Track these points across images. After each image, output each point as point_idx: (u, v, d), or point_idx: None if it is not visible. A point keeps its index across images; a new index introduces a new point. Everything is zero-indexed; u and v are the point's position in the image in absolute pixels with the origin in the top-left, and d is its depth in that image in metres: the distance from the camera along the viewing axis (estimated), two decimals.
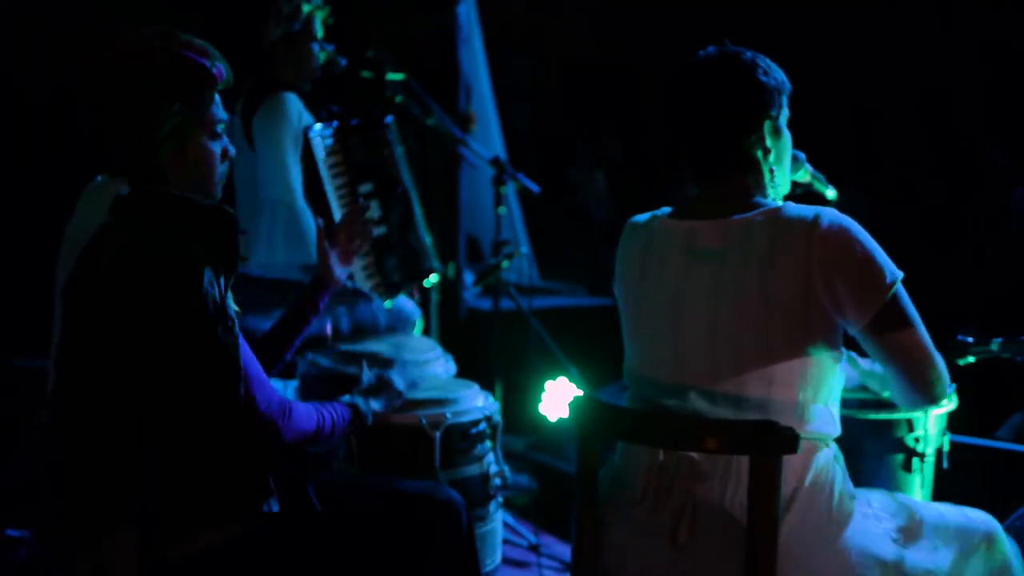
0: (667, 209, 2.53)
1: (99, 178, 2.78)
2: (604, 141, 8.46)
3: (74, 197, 2.79)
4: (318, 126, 3.74)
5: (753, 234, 2.35)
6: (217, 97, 2.46)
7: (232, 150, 2.52)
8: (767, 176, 2.48)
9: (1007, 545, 2.55)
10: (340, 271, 3.09)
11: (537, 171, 6.59)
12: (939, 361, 2.42)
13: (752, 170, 2.45)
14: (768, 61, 2.46)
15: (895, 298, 2.34)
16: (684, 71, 2.47)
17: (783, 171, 2.53)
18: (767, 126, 2.44)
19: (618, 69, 9.36)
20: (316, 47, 4.11)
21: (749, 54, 2.45)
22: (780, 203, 2.41)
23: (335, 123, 3.79)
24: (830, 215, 2.33)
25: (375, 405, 2.86)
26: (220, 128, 2.47)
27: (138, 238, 2.31)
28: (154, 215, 2.34)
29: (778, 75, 2.46)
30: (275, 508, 2.43)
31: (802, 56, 2.54)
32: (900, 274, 2.35)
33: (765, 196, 2.47)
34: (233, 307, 2.38)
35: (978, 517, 2.55)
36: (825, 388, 2.38)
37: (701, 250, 2.40)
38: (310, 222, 3.92)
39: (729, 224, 2.39)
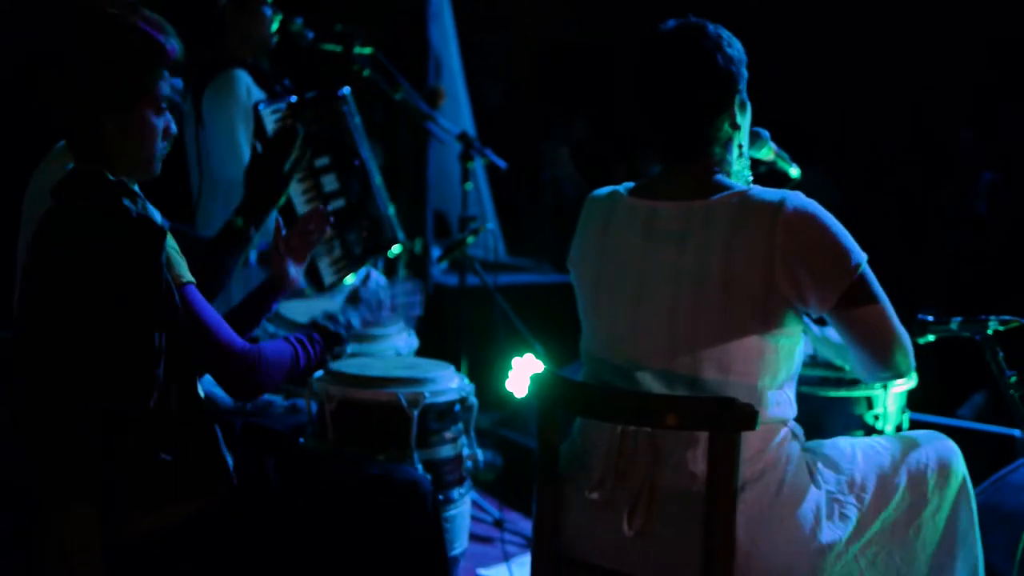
0: (629, 184, 2.50)
1: (61, 143, 2.76)
2: (573, 119, 8.46)
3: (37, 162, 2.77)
4: (269, 101, 3.71)
5: (716, 217, 2.33)
6: (167, 74, 2.45)
7: (174, 128, 2.51)
8: (735, 152, 2.47)
9: (960, 463, 2.56)
10: (295, 270, 3.03)
11: (508, 148, 6.59)
12: (904, 337, 2.42)
13: (720, 146, 2.43)
14: (727, 32, 2.42)
15: (861, 279, 2.33)
16: (649, 48, 2.42)
17: (746, 141, 2.53)
18: (736, 101, 2.42)
19: (591, 47, 9.35)
20: (268, 11, 4.03)
21: (711, 27, 2.41)
22: (746, 186, 2.39)
23: (291, 98, 3.76)
24: (795, 200, 2.31)
25: (352, 319, 2.80)
26: (164, 105, 2.47)
27: (82, 224, 2.30)
28: (90, 203, 2.33)
29: (739, 46, 2.42)
30: (234, 482, 2.43)
31: (772, 36, 2.52)
32: (864, 256, 2.34)
33: (730, 174, 2.46)
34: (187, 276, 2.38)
35: (929, 445, 2.55)
36: (783, 373, 2.38)
37: (662, 232, 2.38)
38: None
39: (691, 206, 2.37)
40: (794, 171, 2.95)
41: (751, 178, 2.55)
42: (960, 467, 2.56)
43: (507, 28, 9.12)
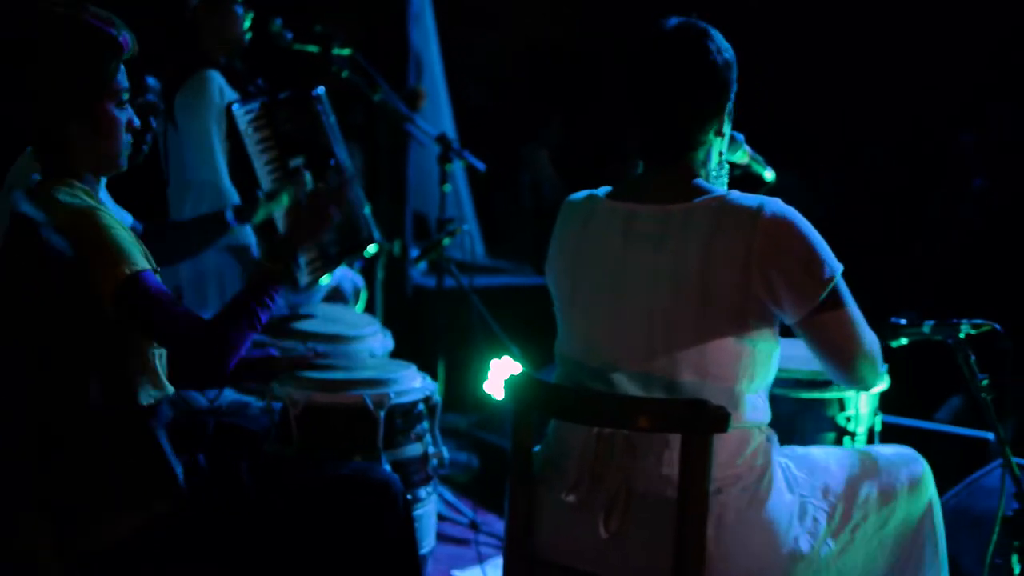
0: (606, 188, 2.50)
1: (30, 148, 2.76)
2: (555, 120, 8.46)
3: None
4: (242, 101, 3.70)
5: (695, 221, 2.33)
6: (122, 67, 2.45)
7: (137, 121, 2.51)
8: (715, 159, 2.47)
9: (930, 480, 2.58)
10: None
11: (490, 149, 6.58)
12: (873, 350, 2.43)
13: (703, 152, 2.43)
14: (720, 36, 2.42)
15: (834, 291, 2.34)
16: (648, 45, 2.41)
17: (726, 149, 2.53)
18: (726, 109, 2.42)
19: (574, 48, 9.35)
20: (239, 10, 4.01)
21: (711, 32, 2.40)
22: (725, 191, 2.39)
23: (264, 98, 3.75)
24: (773, 206, 2.32)
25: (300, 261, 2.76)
26: (125, 97, 2.47)
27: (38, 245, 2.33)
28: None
29: (731, 52, 2.42)
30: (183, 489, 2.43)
31: (764, 38, 2.52)
32: (840, 267, 2.34)
33: (709, 178, 2.46)
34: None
35: (901, 459, 2.57)
36: (759, 378, 2.39)
37: (640, 234, 2.38)
38: (237, 202, 3.85)
39: (669, 210, 2.37)
40: (768, 174, 2.96)
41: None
42: (929, 487, 2.58)
43: (490, 28, 9.12)
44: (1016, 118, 7.08)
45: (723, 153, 2.50)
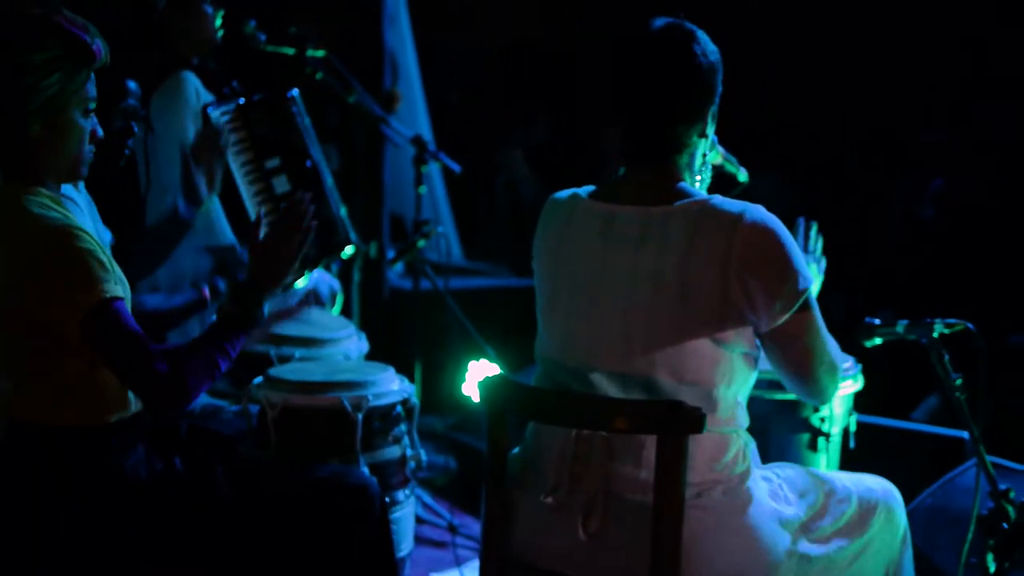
0: (590, 188, 2.49)
1: None
2: (533, 121, 8.46)
3: None
4: (218, 103, 3.69)
5: (675, 224, 2.32)
6: (92, 76, 2.44)
7: (100, 131, 2.49)
8: (699, 161, 2.47)
9: (903, 515, 2.59)
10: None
11: (467, 151, 6.58)
12: (834, 366, 2.43)
13: (685, 154, 2.42)
14: (707, 39, 2.41)
15: (805, 305, 2.34)
16: (635, 47, 2.40)
17: (710, 151, 2.53)
18: (711, 112, 2.42)
19: (552, 49, 9.36)
20: (209, 9, 3.98)
21: (697, 34, 2.39)
22: (707, 195, 2.38)
23: (239, 100, 3.73)
24: (756, 213, 2.31)
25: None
26: (92, 106, 2.45)
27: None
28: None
29: (717, 54, 2.42)
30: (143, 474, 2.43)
31: (734, 38, 2.51)
32: (811, 280, 2.35)
33: (692, 180, 2.45)
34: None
35: (878, 486, 2.58)
36: (736, 383, 2.38)
37: (620, 235, 2.37)
38: (214, 204, 3.84)
39: (650, 212, 2.36)
40: (742, 174, 2.97)
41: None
42: (902, 519, 2.59)
43: (466, 30, 9.12)
44: (984, 118, 7.13)
45: (707, 155, 2.50)
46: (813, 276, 2.63)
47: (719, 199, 2.35)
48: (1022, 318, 5.66)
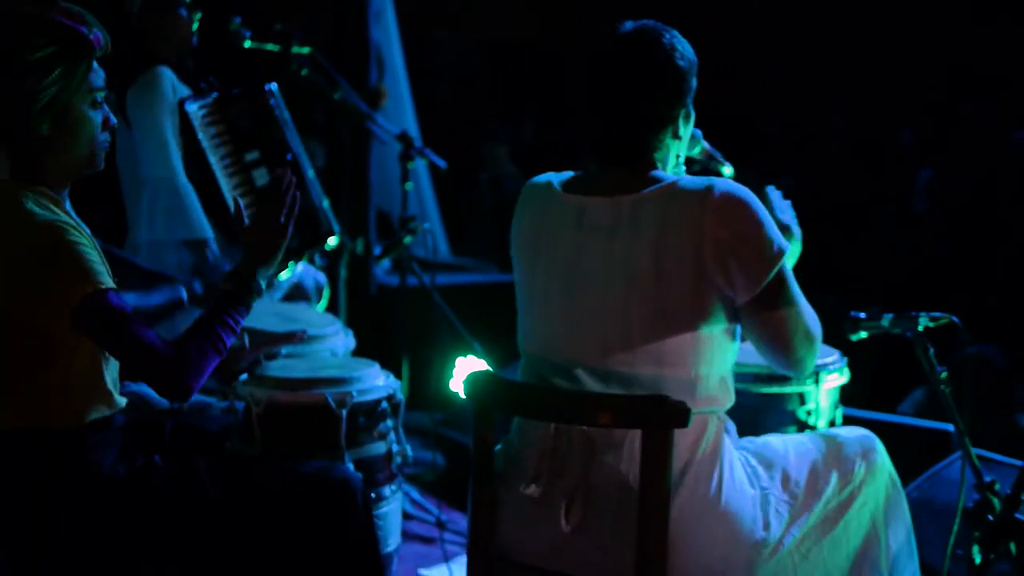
0: (561, 178, 2.49)
1: None
2: (519, 118, 8.47)
3: None
4: (195, 97, 3.68)
5: (646, 210, 2.33)
6: (96, 65, 2.42)
7: (113, 119, 2.48)
8: (672, 161, 2.47)
9: (885, 459, 2.59)
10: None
11: (455, 147, 6.57)
12: (812, 334, 2.41)
13: (659, 155, 2.43)
14: (682, 40, 2.41)
15: (780, 274, 2.34)
16: (604, 50, 2.40)
17: (684, 150, 2.54)
18: (682, 113, 2.42)
19: (539, 46, 9.37)
20: (184, 12, 3.97)
21: (667, 35, 2.39)
22: (675, 176, 2.40)
23: (216, 94, 3.72)
24: (723, 185, 2.31)
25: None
26: (100, 96, 2.43)
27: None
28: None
29: (692, 55, 2.42)
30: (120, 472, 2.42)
31: (716, 38, 2.51)
32: (787, 246, 2.35)
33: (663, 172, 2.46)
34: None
35: (855, 443, 2.58)
36: (718, 362, 2.38)
37: (592, 227, 2.37)
38: (192, 198, 3.83)
39: (620, 201, 2.36)
40: (727, 170, 2.97)
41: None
42: (886, 463, 2.59)
43: (453, 26, 9.12)
44: (962, 115, 7.16)
45: (680, 156, 2.50)
46: (791, 242, 2.64)
47: (687, 179, 2.36)
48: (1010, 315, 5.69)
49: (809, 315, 2.42)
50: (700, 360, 2.34)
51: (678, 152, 2.48)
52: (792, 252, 2.66)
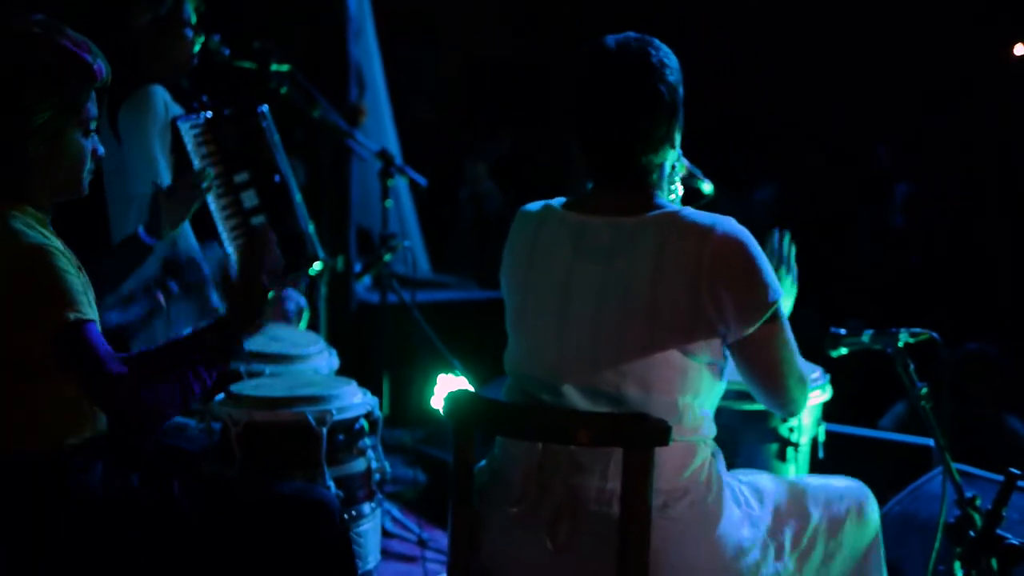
0: (561, 199, 2.47)
1: None
2: (499, 134, 8.48)
3: None
4: (187, 116, 3.67)
5: (645, 236, 2.32)
6: (93, 94, 2.41)
7: (101, 149, 2.48)
8: (667, 171, 2.46)
9: (876, 513, 2.60)
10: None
11: (436, 163, 6.57)
12: (803, 378, 2.44)
13: (656, 173, 2.41)
14: (667, 50, 2.38)
15: (774, 317, 2.34)
16: (592, 70, 2.37)
17: (678, 157, 2.51)
18: (676, 129, 2.40)
19: (519, 62, 9.39)
20: (189, 33, 3.98)
21: (654, 52, 2.35)
22: (678, 207, 2.37)
23: (207, 113, 3.72)
24: (726, 225, 2.31)
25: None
26: (93, 126, 2.43)
27: None
28: None
29: (678, 68, 2.39)
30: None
31: (696, 54, 2.50)
32: (781, 293, 2.35)
33: (664, 192, 2.44)
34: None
35: (848, 489, 2.59)
36: (704, 393, 2.38)
37: (590, 247, 2.36)
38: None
39: (622, 223, 2.35)
40: (707, 187, 2.97)
41: (680, 193, 2.56)
42: (875, 519, 2.60)
43: (433, 43, 9.13)
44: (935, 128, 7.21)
45: (675, 167, 2.49)
46: (786, 288, 2.63)
47: (689, 211, 2.34)
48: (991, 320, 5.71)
49: (801, 359, 2.44)
50: (688, 388, 2.34)
51: (673, 161, 2.46)
52: (788, 295, 2.68)
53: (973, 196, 7.11)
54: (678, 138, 2.44)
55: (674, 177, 2.51)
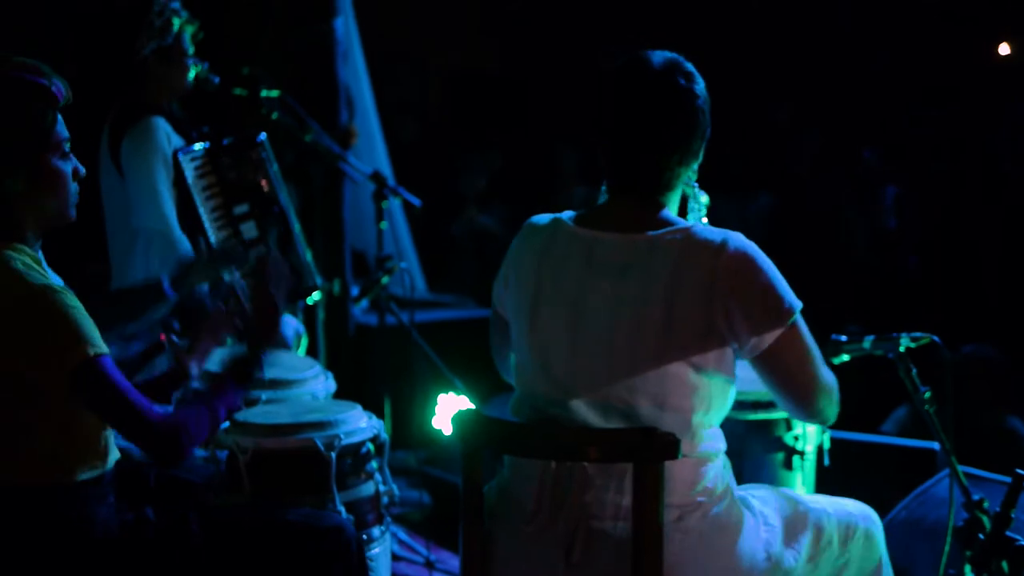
0: (570, 213, 2.47)
1: None
2: (489, 151, 8.48)
3: None
4: (188, 148, 3.68)
5: (658, 253, 2.32)
6: (59, 116, 2.40)
7: (82, 169, 2.47)
8: (680, 192, 2.47)
9: (882, 540, 2.59)
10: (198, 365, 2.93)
11: (427, 182, 6.57)
12: (830, 384, 2.44)
13: (674, 187, 2.42)
14: (695, 70, 2.40)
15: (794, 328, 2.34)
16: (629, 89, 2.38)
17: (693, 178, 2.53)
18: (702, 147, 2.42)
19: (504, 79, 9.40)
20: (189, 62, 4.02)
21: (695, 74, 2.38)
22: (690, 223, 2.38)
23: (206, 144, 3.73)
24: (737, 241, 2.32)
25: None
26: (67, 147, 2.42)
27: None
28: None
29: (704, 85, 2.41)
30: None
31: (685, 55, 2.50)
32: (799, 305, 2.35)
33: (673, 209, 2.45)
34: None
35: (858, 510, 2.59)
36: (715, 409, 2.38)
37: (602, 263, 2.36)
38: (187, 249, 3.82)
39: (635, 240, 2.35)
40: (703, 197, 2.97)
41: (704, 202, 2.57)
42: (881, 545, 2.59)
43: (421, 61, 9.14)
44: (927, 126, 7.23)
45: (691, 177, 2.50)
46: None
47: (700, 228, 2.35)
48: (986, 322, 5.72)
49: (825, 366, 2.43)
50: (699, 405, 2.34)
51: (688, 176, 2.48)
52: None
53: (961, 195, 7.14)
54: (702, 152, 2.45)
55: (690, 181, 2.52)
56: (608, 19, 7.93)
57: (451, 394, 4.53)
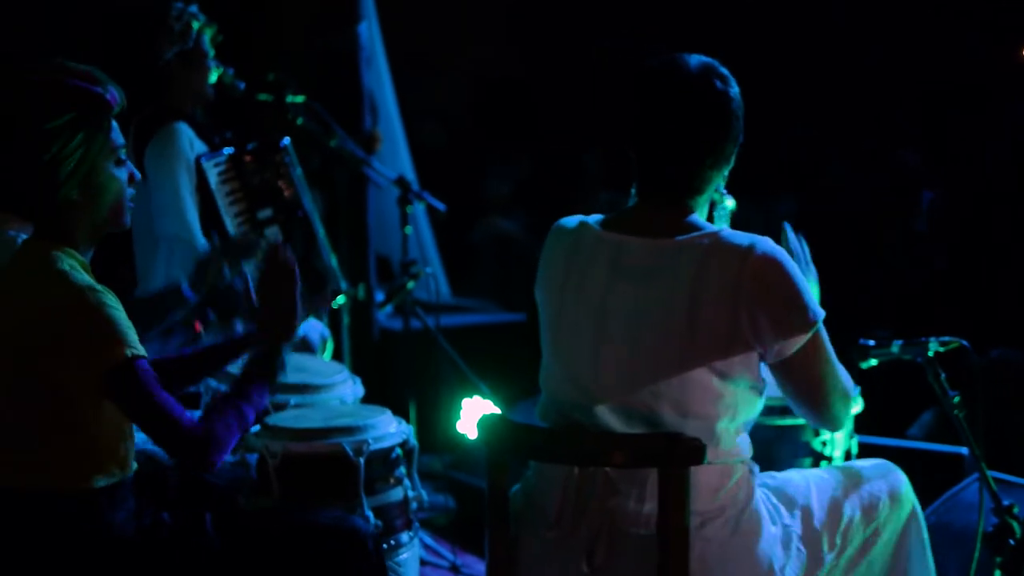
0: (598, 216, 2.46)
1: None
2: (515, 156, 8.48)
3: None
4: (211, 154, 3.69)
5: (685, 257, 2.31)
6: (114, 123, 2.41)
7: (137, 174, 2.48)
8: (709, 196, 2.46)
9: (909, 488, 2.58)
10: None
11: (451, 186, 6.57)
12: (846, 394, 2.43)
13: (704, 192, 2.41)
14: (730, 74, 2.39)
15: (816, 337, 2.33)
16: (662, 86, 2.36)
17: (722, 184, 2.51)
18: (734, 155, 2.41)
19: (529, 84, 9.40)
20: (212, 64, 4.04)
21: (731, 78, 2.37)
22: (716, 228, 2.37)
23: (229, 149, 3.74)
24: (764, 245, 2.30)
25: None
26: (123, 154, 2.43)
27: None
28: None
29: (739, 94, 2.40)
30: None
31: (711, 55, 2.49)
32: (822, 313, 2.34)
33: (701, 214, 2.44)
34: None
35: (875, 472, 2.57)
36: (741, 416, 2.37)
37: (628, 267, 2.35)
38: (201, 240, 3.83)
39: (661, 244, 2.34)
40: (729, 202, 2.96)
41: (730, 207, 2.58)
42: (910, 495, 2.58)
43: (445, 66, 9.15)
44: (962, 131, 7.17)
45: (719, 187, 2.48)
46: (809, 282, 2.62)
47: (728, 232, 2.34)
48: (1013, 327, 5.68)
49: (843, 375, 2.43)
50: (723, 412, 2.33)
51: (718, 182, 2.46)
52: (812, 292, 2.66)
53: (991, 199, 7.08)
54: (734, 157, 2.44)
55: (721, 191, 2.51)
56: (633, 24, 7.92)
57: (476, 398, 4.53)
